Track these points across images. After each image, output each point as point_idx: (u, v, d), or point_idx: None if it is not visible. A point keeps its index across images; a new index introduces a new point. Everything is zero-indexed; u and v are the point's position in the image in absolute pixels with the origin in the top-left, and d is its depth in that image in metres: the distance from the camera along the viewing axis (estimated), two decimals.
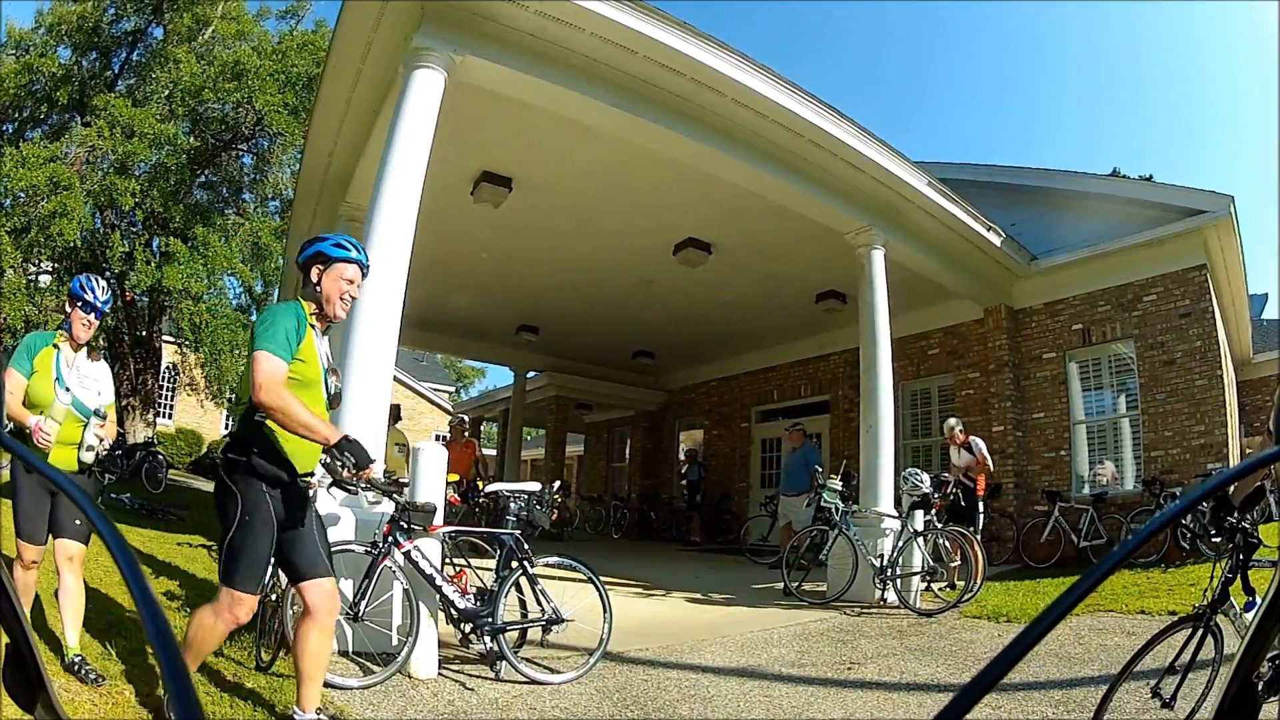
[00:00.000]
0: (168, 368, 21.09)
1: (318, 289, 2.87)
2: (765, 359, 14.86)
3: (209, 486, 15.64)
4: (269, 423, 2.66)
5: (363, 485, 4.04)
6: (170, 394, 24.63)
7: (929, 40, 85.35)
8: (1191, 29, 75.91)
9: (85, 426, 3.45)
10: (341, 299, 2.89)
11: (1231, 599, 2.73)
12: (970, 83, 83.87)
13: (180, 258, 14.48)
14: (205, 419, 24.71)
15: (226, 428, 26.40)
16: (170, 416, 25.22)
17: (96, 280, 3.54)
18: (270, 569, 4.22)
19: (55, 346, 3.43)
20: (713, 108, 6.44)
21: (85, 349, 3.57)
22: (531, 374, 17.62)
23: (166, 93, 16.08)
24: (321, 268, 2.89)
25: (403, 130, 5.17)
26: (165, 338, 18.35)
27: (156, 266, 14.57)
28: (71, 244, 13.90)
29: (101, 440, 3.50)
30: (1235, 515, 2.58)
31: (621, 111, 6.08)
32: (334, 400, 2.97)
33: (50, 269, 15.70)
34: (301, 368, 2.74)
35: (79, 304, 3.49)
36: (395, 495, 4.00)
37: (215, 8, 16.89)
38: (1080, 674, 4.09)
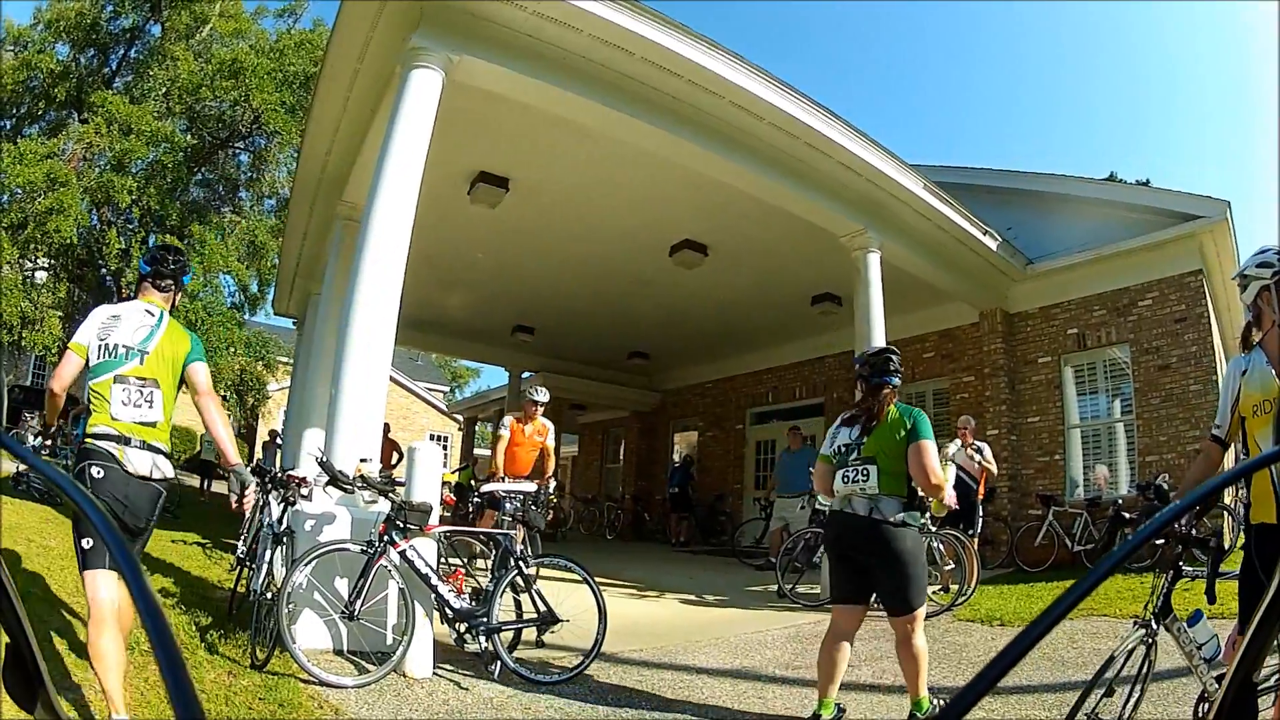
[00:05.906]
0: None
1: None
2: (760, 361, 14.84)
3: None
4: None
5: (359, 484, 4.07)
6: None
7: (925, 43, 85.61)
8: (1196, 33, 76.25)
9: None
10: None
11: (1175, 612, 2.69)
12: (967, 86, 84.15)
13: None
14: (199, 417, 24.53)
15: None
16: None
17: None
18: (267, 569, 4.26)
19: None
20: (708, 109, 6.44)
21: None
22: (526, 374, 17.59)
23: (164, 90, 16.10)
24: None
25: (400, 130, 5.17)
26: None
27: None
28: (68, 241, 13.89)
29: None
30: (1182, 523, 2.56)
31: (618, 112, 6.08)
32: None
33: (46, 265, 15.68)
34: None
35: None
36: (391, 494, 4.02)
37: (213, 5, 16.90)
38: (1073, 677, 4.09)
